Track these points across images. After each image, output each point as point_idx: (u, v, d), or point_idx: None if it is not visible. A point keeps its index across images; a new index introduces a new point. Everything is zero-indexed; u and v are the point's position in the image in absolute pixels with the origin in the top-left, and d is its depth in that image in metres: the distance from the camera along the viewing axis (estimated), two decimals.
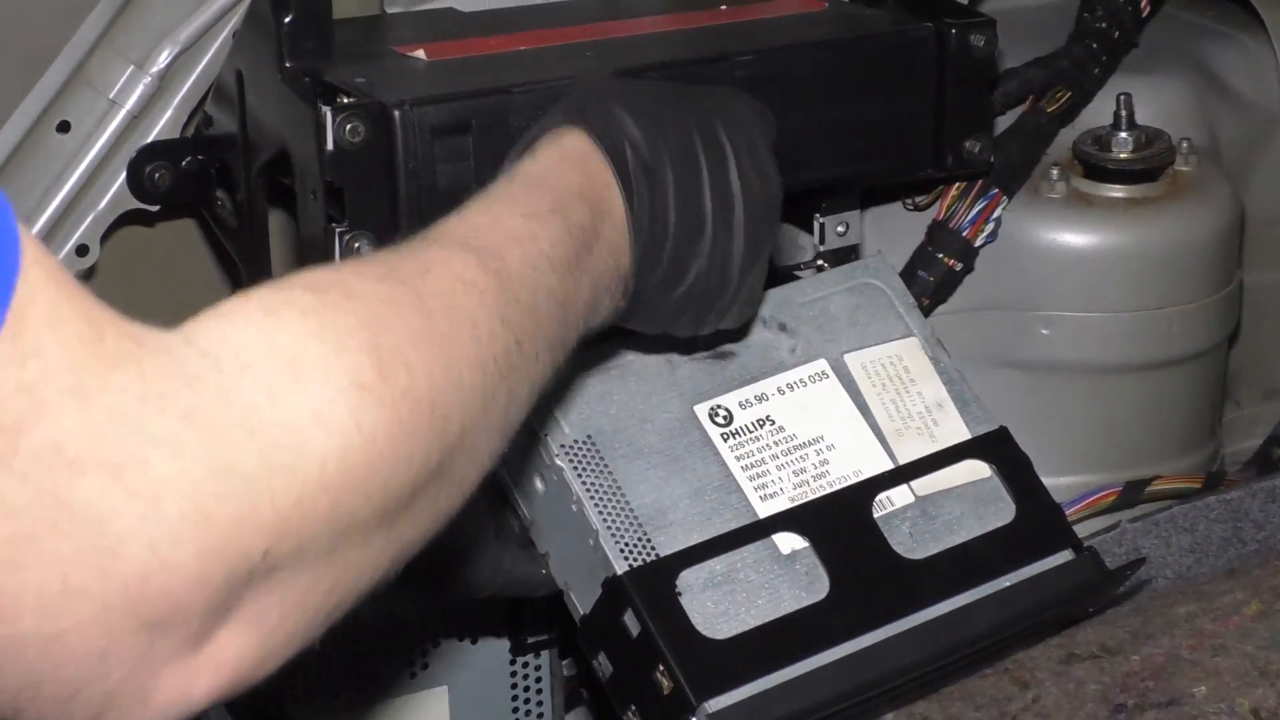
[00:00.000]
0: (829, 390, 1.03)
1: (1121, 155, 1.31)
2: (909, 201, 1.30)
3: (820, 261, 1.17)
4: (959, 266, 1.28)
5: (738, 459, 0.99)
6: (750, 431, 1.00)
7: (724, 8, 1.24)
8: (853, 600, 0.95)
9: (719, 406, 1.00)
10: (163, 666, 0.57)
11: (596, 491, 0.95)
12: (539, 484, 0.97)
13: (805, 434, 1.01)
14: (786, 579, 0.95)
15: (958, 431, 1.03)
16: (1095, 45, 1.37)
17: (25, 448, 0.52)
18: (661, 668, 0.91)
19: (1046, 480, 1.07)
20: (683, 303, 0.92)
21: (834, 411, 1.02)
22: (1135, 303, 1.29)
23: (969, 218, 1.27)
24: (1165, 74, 1.40)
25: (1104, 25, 1.39)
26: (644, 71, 1.07)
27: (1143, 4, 1.42)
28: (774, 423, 1.00)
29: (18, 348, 0.52)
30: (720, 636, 0.92)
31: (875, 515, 0.98)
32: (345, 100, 1.01)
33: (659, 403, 0.99)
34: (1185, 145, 1.34)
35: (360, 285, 0.67)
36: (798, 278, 1.14)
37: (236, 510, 0.56)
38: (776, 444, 1.00)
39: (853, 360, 1.04)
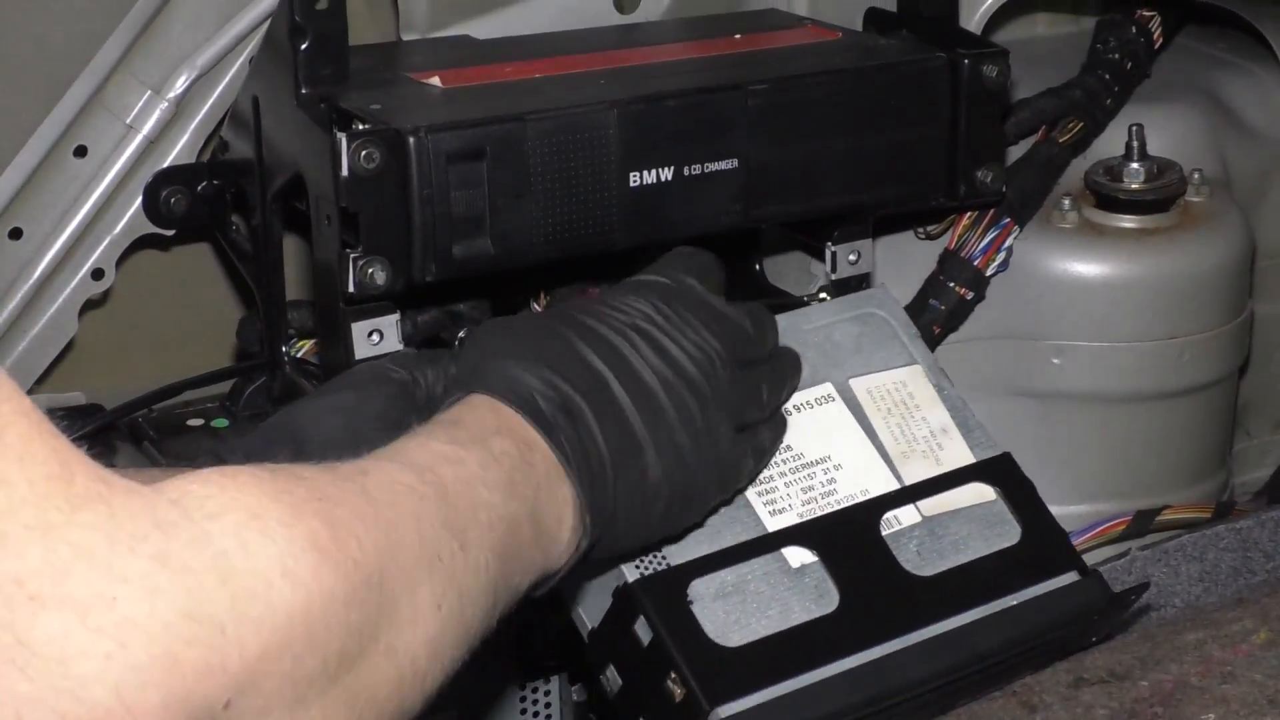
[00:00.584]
0: (835, 412, 1.04)
1: (1133, 186, 1.31)
2: (921, 230, 1.30)
3: (822, 294, 1.17)
4: (970, 295, 1.28)
5: None
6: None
7: (738, 36, 1.24)
8: (862, 613, 0.95)
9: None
10: None
11: None
12: None
13: (813, 453, 1.02)
14: (796, 591, 0.95)
15: (962, 456, 1.03)
16: (1108, 76, 1.38)
17: None
18: (673, 675, 0.91)
19: (1056, 508, 1.07)
20: (662, 507, 0.90)
21: (840, 433, 1.03)
22: (1146, 332, 1.30)
23: (980, 247, 1.28)
24: (1177, 105, 1.40)
25: (1116, 56, 1.39)
26: (659, 99, 1.08)
27: (1155, 35, 1.42)
28: (782, 440, 1.01)
29: None
30: (731, 644, 0.93)
31: (883, 533, 0.99)
32: (360, 126, 1.02)
33: None
34: (1197, 176, 1.34)
35: (307, 471, 0.67)
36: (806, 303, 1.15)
37: (205, 657, 0.56)
38: (784, 462, 1.01)
39: (858, 385, 1.04)
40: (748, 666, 0.92)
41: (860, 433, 1.02)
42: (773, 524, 0.98)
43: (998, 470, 1.03)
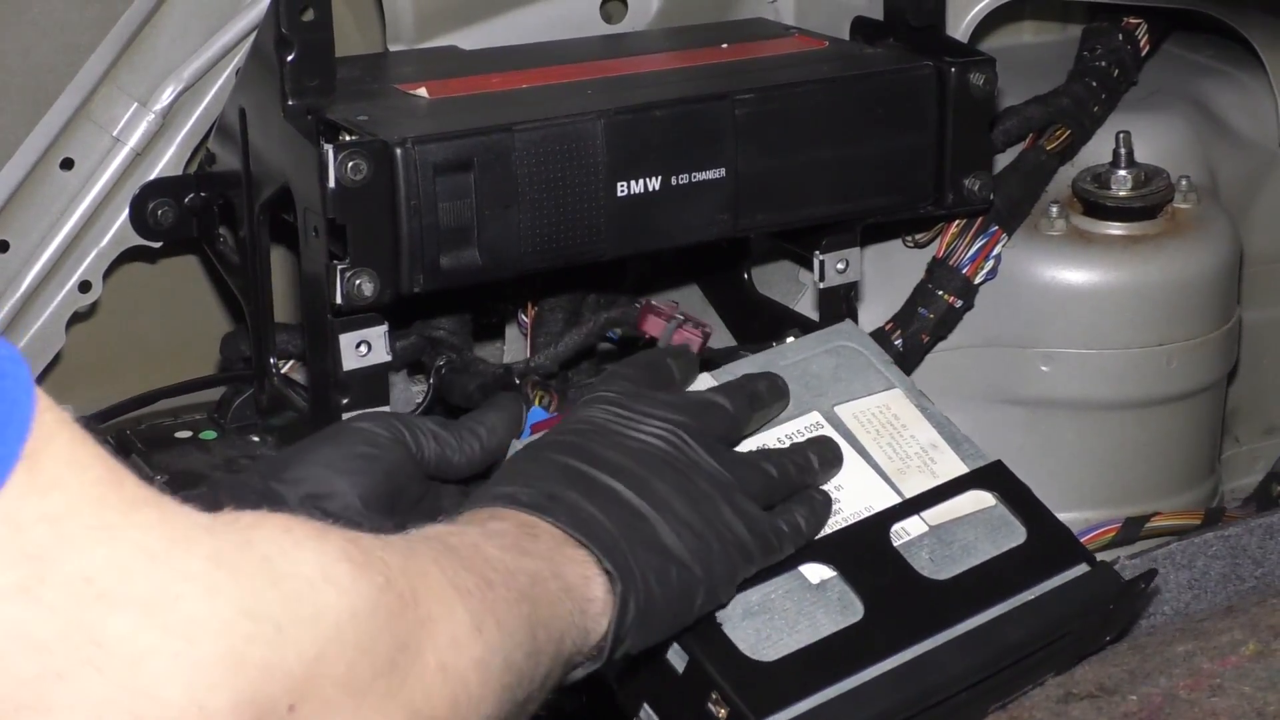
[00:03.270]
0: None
1: (1121, 193, 1.31)
2: (909, 239, 1.30)
3: (789, 336, 1.16)
4: (959, 303, 1.28)
5: None
6: None
7: (725, 46, 1.24)
8: (888, 620, 0.95)
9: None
10: None
11: None
12: None
13: None
14: (821, 605, 0.95)
15: (956, 467, 1.04)
16: (1095, 83, 1.38)
17: (53, 578, 0.51)
18: (715, 695, 0.90)
19: None
20: (692, 579, 0.89)
21: None
22: (1135, 340, 1.30)
23: (969, 255, 1.28)
24: (1164, 112, 1.40)
25: (1103, 64, 1.39)
26: (646, 109, 1.08)
27: (1142, 43, 1.42)
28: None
29: (37, 480, 0.52)
30: (768, 659, 0.92)
31: (894, 544, 0.99)
32: (347, 138, 1.02)
33: None
34: (1184, 183, 1.34)
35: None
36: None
37: (266, 656, 0.56)
38: None
39: (843, 411, 1.04)
40: (787, 678, 0.92)
41: (855, 455, 1.02)
42: None
43: (994, 476, 1.04)
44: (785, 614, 0.94)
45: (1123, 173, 1.32)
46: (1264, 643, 0.98)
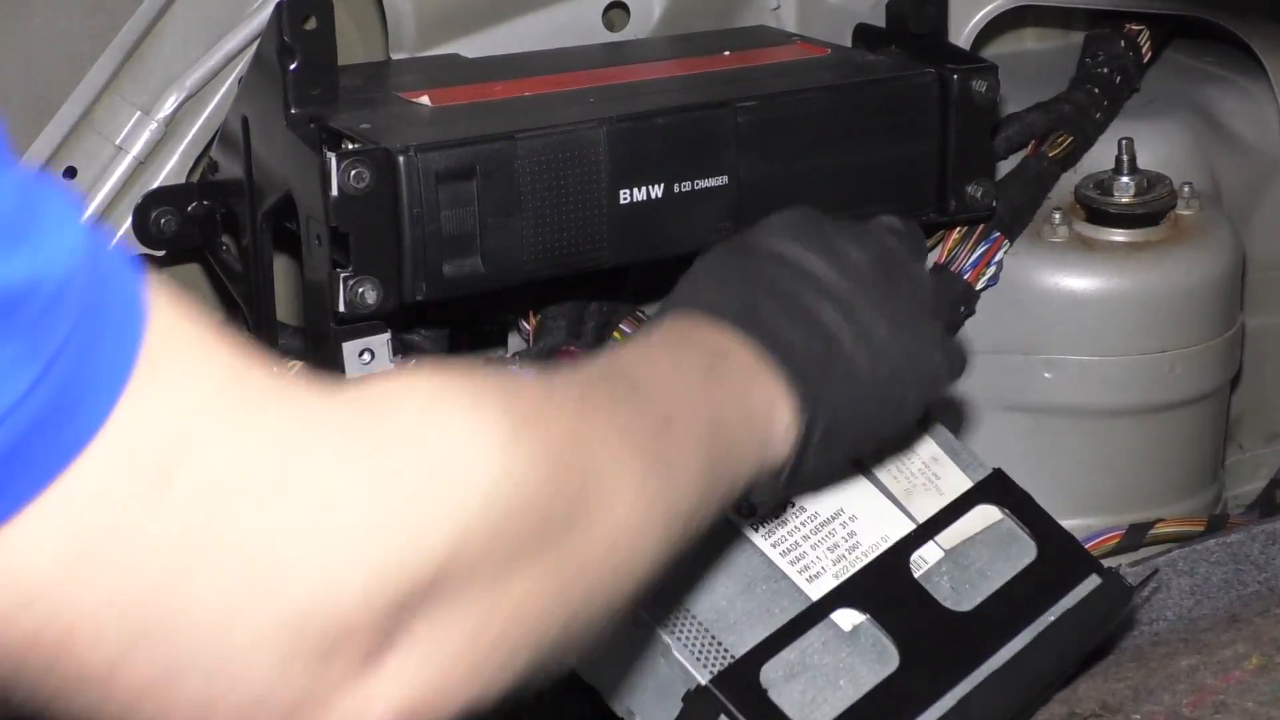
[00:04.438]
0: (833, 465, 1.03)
1: (1123, 199, 1.31)
2: None
3: None
4: (961, 310, 1.28)
5: (774, 545, 0.99)
6: (776, 517, 1.00)
7: (727, 53, 1.24)
8: (924, 663, 0.95)
9: (739, 501, 0.99)
10: (334, 695, 0.55)
11: (654, 606, 0.93)
12: None
13: (826, 510, 1.02)
14: (857, 655, 0.95)
15: (959, 480, 1.04)
16: (1097, 90, 1.38)
17: (180, 476, 0.51)
18: None
19: None
20: (877, 397, 0.88)
21: (844, 484, 1.03)
22: (1138, 346, 1.30)
23: (971, 261, 1.28)
24: (1167, 118, 1.40)
25: (1105, 70, 1.39)
26: (649, 117, 1.08)
27: (1144, 49, 1.42)
28: (794, 504, 1.01)
29: (159, 379, 0.52)
30: None
31: (915, 575, 0.99)
32: (350, 146, 1.02)
33: None
34: (1187, 189, 1.34)
35: (479, 371, 0.66)
36: None
37: (404, 533, 0.55)
38: (804, 524, 1.00)
39: None
40: None
41: (862, 479, 1.03)
42: (813, 590, 0.97)
43: (996, 489, 1.04)
44: (825, 670, 0.94)
45: (1125, 179, 1.32)
46: (1267, 656, 0.98)
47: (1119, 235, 1.31)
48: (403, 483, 0.56)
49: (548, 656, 0.64)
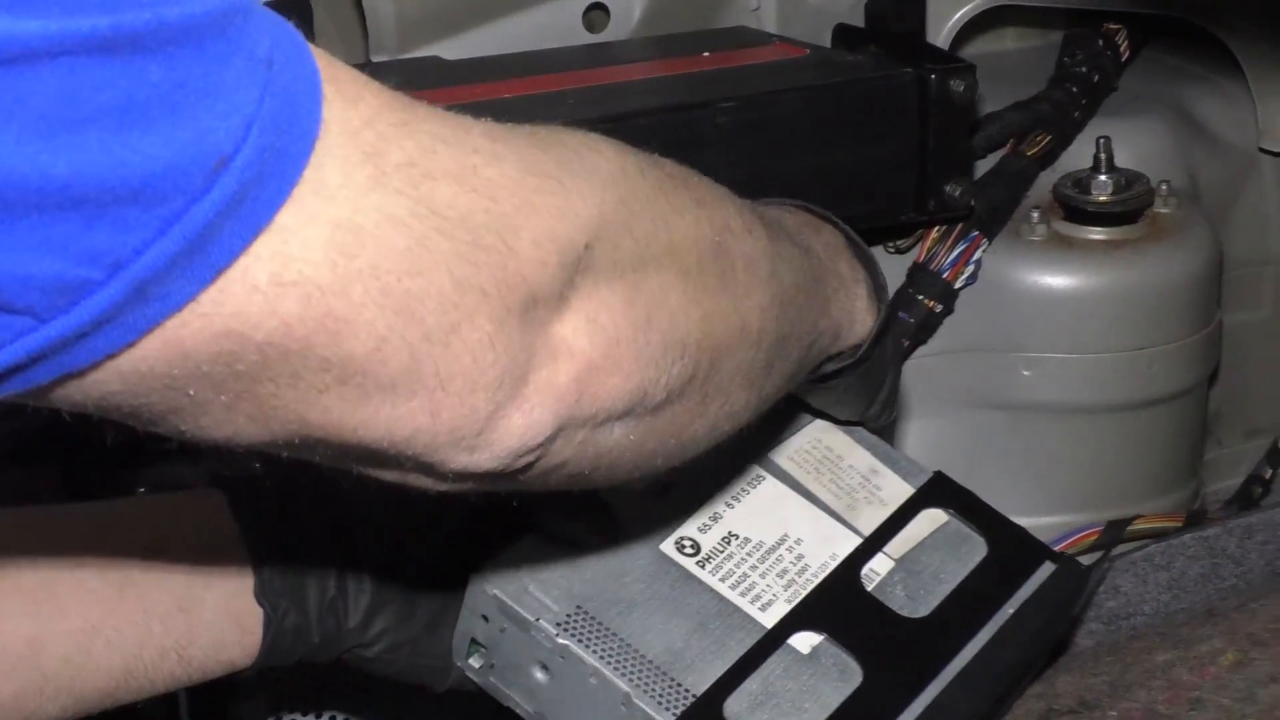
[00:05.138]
0: (771, 489, 1.02)
1: (1101, 198, 1.32)
2: (890, 244, 1.31)
3: None
4: (939, 308, 1.29)
5: (722, 580, 0.97)
6: (721, 551, 0.98)
7: (706, 55, 1.25)
8: (888, 674, 0.94)
9: (683, 538, 0.98)
10: (534, 348, 0.63)
11: (609, 655, 0.92)
12: (540, 675, 0.94)
13: (771, 536, 1.00)
14: (819, 676, 0.93)
15: (901, 488, 1.03)
16: (1075, 89, 1.39)
17: (389, 167, 0.58)
18: None
19: (1028, 520, 1.07)
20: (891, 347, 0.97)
21: (785, 507, 1.02)
22: (1116, 344, 1.30)
23: (949, 260, 1.28)
24: (1144, 117, 1.41)
25: (1084, 69, 1.40)
26: (628, 118, 1.09)
27: (1122, 48, 1.43)
28: (738, 536, 0.99)
29: (344, 93, 0.58)
30: None
31: (868, 588, 0.98)
32: None
33: (626, 554, 0.97)
34: (1164, 188, 1.35)
35: None
36: None
37: (553, 203, 0.63)
38: (749, 554, 0.99)
39: (778, 456, 1.03)
40: None
41: (802, 500, 1.01)
42: (767, 618, 0.96)
43: (939, 491, 1.03)
44: (789, 695, 0.92)
45: (1103, 178, 1.32)
46: (1242, 651, 0.98)
47: (1097, 233, 1.32)
48: (546, 165, 0.65)
49: (696, 379, 0.72)
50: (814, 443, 1.05)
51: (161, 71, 0.52)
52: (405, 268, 0.58)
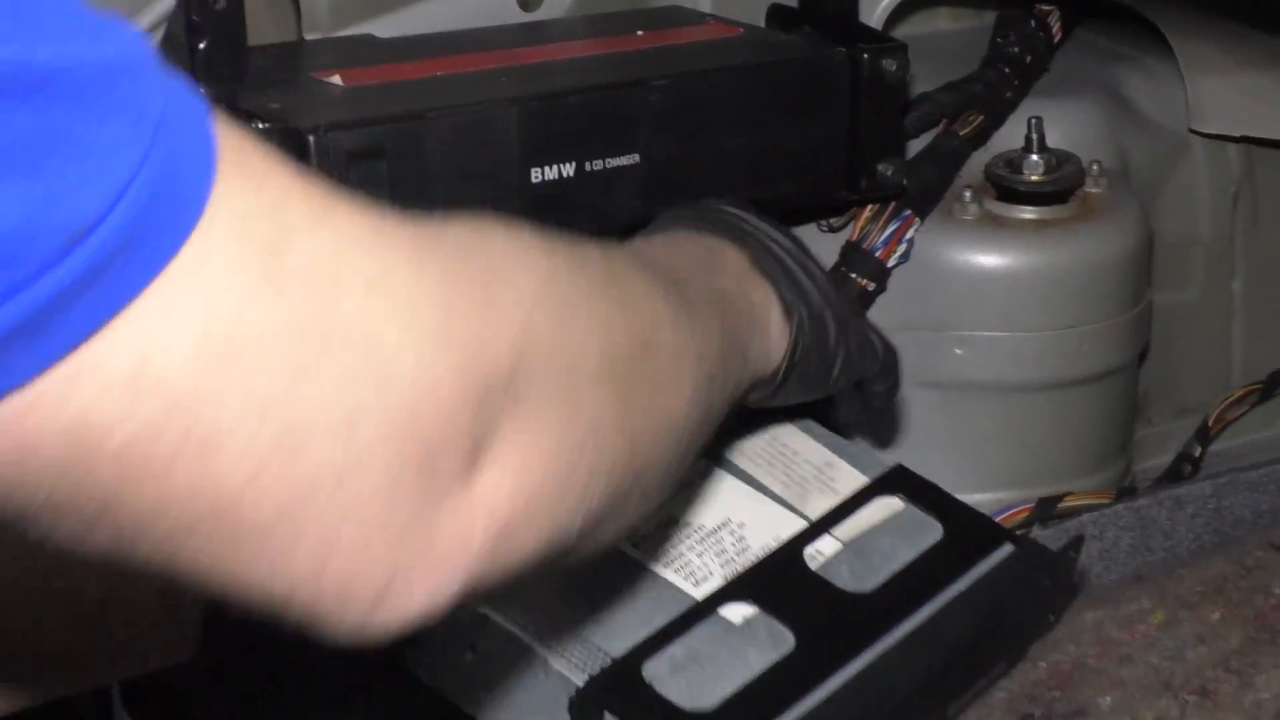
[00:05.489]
0: (718, 479, 1.02)
1: (1033, 177, 1.33)
2: (823, 223, 1.31)
3: None
4: (872, 287, 1.29)
5: (657, 559, 0.97)
6: (660, 534, 0.98)
7: (640, 33, 1.25)
8: (822, 642, 0.92)
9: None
10: (439, 513, 0.55)
11: (529, 624, 0.91)
12: (468, 655, 0.93)
13: (713, 520, 1.00)
14: (750, 644, 0.92)
15: (856, 481, 1.02)
16: (1008, 70, 1.39)
17: (289, 267, 0.52)
18: None
19: (961, 497, 1.08)
20: (832, 338, 0.96)
21: (731, 494, 1.01)
22: (1047, 322, 1.31)
23: (882, 239, 1.29)
24: (1076, 98, 1.42)
25: (1016, 50, 1.41)
26: (560, 96, 1.08)
27: (1054, 29, 1.44)
28: (677, 521, 0.99)
29: (248, 174, 0.52)
30: (707, 708, 0.89)
31: (811, 568, 0.97)
32: (260, 125, 1.02)
33: None
34: (1095, 168, 1.35)
35: None
36: None
37: (480, 324, 0.57)
38: (688, 536, 0.98)
39: (732, 453, 1.03)
40: None
41: (750, 490, 1.00)
42: (699, 592, 0.95)
43: (898, 481, 1.02)
44: (714, 661, 0.91)
45: (1035, 158, 1.33)
46: (1171, 612, 0.99)
47: (1028, 213, 1.32)
48: (470, 280, 0.58)
49: (618, 498, 0.66)
50: (769, 440, 1.04)
51: (30, 119, 0.46)
52: (290, 391, 0.51)
